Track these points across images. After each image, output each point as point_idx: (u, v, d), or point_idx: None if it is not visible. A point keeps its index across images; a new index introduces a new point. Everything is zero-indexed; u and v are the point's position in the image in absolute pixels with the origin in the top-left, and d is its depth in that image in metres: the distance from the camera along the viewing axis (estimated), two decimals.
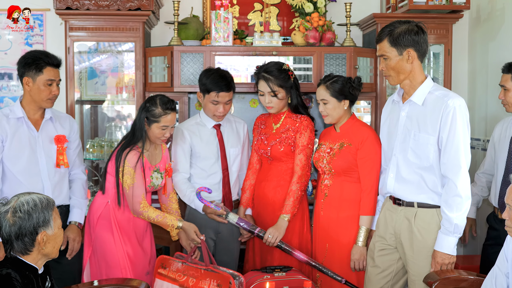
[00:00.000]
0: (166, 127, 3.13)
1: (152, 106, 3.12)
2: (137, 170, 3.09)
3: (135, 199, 3.09)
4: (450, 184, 2.69)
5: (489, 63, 4.20)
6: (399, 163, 2.86)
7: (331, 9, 4.47)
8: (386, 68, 2.82)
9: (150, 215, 3.10)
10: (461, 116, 2.68)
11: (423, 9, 4.03)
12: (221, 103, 3.30)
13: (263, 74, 3.26)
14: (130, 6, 3.94)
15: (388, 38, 2.77)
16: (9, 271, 2.22)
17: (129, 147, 3.12)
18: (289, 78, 3.27)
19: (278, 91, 3.25)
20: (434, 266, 2.74)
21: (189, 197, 3.29)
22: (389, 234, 2.92)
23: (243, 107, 4.48)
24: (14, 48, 4.42)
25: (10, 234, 2.27)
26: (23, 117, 3.07)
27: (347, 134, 3.17)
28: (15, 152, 3.04)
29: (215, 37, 3.96)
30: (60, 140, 3.15)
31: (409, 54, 2.75)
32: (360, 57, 4.05)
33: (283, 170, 3.32)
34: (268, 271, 2.97)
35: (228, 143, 3.42)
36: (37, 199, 2.31)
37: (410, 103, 2.83)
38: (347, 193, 3.14)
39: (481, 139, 4.28)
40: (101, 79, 4.26)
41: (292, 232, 3.30)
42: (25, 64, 3.05)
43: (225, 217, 3.21)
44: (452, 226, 2.67)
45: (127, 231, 3.15)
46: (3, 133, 3.02)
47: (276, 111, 3.32)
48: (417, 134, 2.78)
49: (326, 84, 3.15)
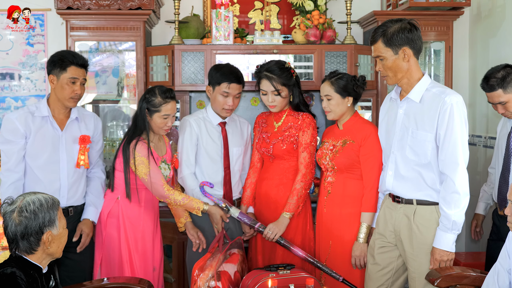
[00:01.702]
0: (167, 116, 3.17)
1: (152, 96, 3.16)
2: (150, 159, 3.12)
3: (156, 185, 3.12)
4: (448, 181, 2.69)
5: (490, 59, 4.20)
6: (398, 160, 2.87)
7: (332, 7, 4.48)
8: (383, 68, 2.81)
9: (176, 198, 3.13)
10: (459, 113, 2.68)
11: (423, 6, 4.03)
12: (231, 95, 3.31)
13: (265, 73, 3.27)
14: (130, 6, 3.95)
15: (382, 39, 2.77)
16: (13, 270, 2.23)
17: (135, 139, 3.15)
18: (291, 76, 3.28)
19: (282, 89, 3.25)
20: (432, 263, 2.75)
21: (196, 194, 3.29)
22: (388, 232, 2.92)
23: (244, 106, 4.49)
24: (15, 48, 4.43)
25: (16, 234, 2.28)
26: (48, 116, 3.12)
27: (350, 132, 3.17)
28: (37, 149, 3.08)
29: (215, 36, 3.96)
30: (84, 140, 3.19)
31: (404, 53, 2.75)
32: (360, 55, 4.05)
33: (285, 168, 3.33)
34: (273, 270, 2.98)
35: (231, 142, 3.43)
36: (43, 199, 2.32)
37: (407, 100, 2.83)
38: (350, 190, 3.15)
39: (482, 136, 4.29)
40: (102, 78, 4.26)
41: (295, 230, 3.30)
42: (51, 62, 3.11)
43: (227, 211, 3.23)
44: (450, 223, 2.68)
45: (136, 227, 3.18)
46: (27, 130, 3.06)
47: (278, 110, 3.33)
48: (415, 132, 2.78)
49: (331, 80, 3.17)
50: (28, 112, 3.10)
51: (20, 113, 3.09)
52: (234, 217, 3.25)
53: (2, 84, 4.45)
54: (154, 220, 3.28)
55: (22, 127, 3.05)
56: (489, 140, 4.18)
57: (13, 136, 3.05)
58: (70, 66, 3.09)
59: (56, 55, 3.14)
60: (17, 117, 3.07)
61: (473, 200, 3.97)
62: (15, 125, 3.04)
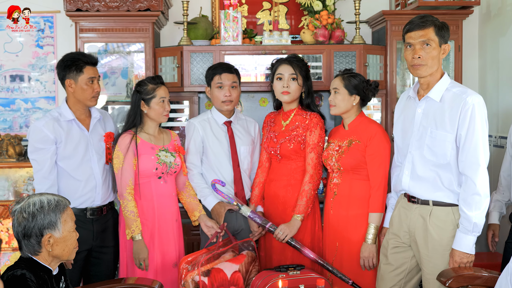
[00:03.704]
0: (164, 99, 3.22)
1: (143, 86, 3.23)
2: (127, 154, 3.14)
3: (123, 182, 3.14)
4: (468, 182, 2.65)
5: (499, 58, 4.18)
6: (415, 160, 2.83)
7: (340, 6, 4.47)
8: (425, 56, 2.72)
9: (128, 205, 3.12)
10: (480, 114, 2.65)
11: (432, 5, 4.01)
12: (225, 85, 3.35)
13: (286, 60, 3.31)
14: (139, 7, 3.96)
15: (434, 27, 2.71)
16: (23, 272, 2.23)
17: (123, 133, 3.21)
18: (308, 70, 3.34)
19: (299, 77, 3.28)
20: (452, 265, 2.71)
21: (203, 192, 3.32)
22: (403, 232, 2.90)
23: (253, 106, 4.48)
24: (25, 50, 4.46)
25: (18, 234, 2.29)
26: (74, 119, 3.17)
27: (356, 132, 3.16)
28: (69, 152, 3.13)
29: (224, 37, 3.96)
30: (110, 137, 3.27)
31: (444, 49, 2.74)
32: (369, 55, 4.04)
33: (292, 169, 3.32)
34: (282, 270, 2.97)
35: (238, 141, 3.43)
36: (46, 200, 2.31)
37: (427, 99, 2.79)
38: (356, 191, 3.13)
39: (492, 135, 4.26)
40: (111, 79, 4.27)
41: (304, 231, 3.30)
42: (65, 67, 3.14)
43: (238, 210, 3.23)
44: (471, 225, 2.64)
45: (145, 224, 3.18)
46: (57, 136, 3.10)
47: (290, 99, 3.30)
48: (434, 131, 2.74)
49: (343, 75, 3.18)
50: (52, 118, 3.14)
51: (46, 120, 3.13)
52: (245, 215, 3.25)
53: (12, 86, 4.47)
54: (172, 216, 3.27)
55: (51, 134, 3.08)
56: (499, 139, 4.16)
57: (43, 144, 3.08)
58: (85, 67, 3.14)
59: (67, 59, 3.16)
60: (44, 124, 3.10)
61: None
62: (44, 133, 3.08)
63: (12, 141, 4.21)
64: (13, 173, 4.21)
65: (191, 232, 3.89)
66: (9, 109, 4.48)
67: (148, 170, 3.16)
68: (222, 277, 3.01)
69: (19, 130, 4.47)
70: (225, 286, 3.01)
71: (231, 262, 3.09)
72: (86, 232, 3.13)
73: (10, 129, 4.47)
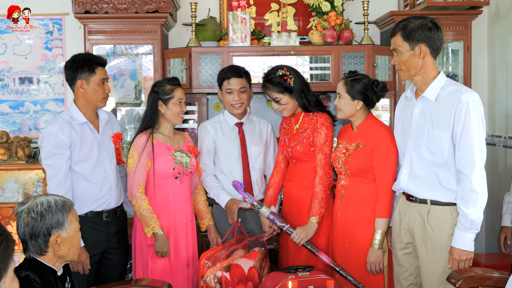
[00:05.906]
0: (181, 100, 3.23)
1: (161, 86, 3.23)
2: (142, 155, 3.13)
3: (135, 182, 3.13)
4: (465, 179, 2.66)
5: (509, 59, 4.16)
6: (413, 159, 2.85)
7: (348, 7, 4.46)
8: (398, 62, 2.81)
9: (142, 204, 3.12)
10: (475, 111, 2.65)
11: (441, 5, 4.00)
12: (234, 90, 3.37)
13: (264, 83, 3.29)
14: (147, 9, 3.97)
15: (401, 32, 2.76)
16: (28, 273, 2.22)
17: (140, 133, 3.22)
18: (286, 82, 3.22)
19: (279, 97, 3.25)
20: (451, 263, 2.72)
21: (215, 191, 3.35)
22: (403, 230, 2.91)
23: (261, 107, 4.48)
24: (34, 53, 4.48)
25: (25, 234, 2.29)
26: (86, 122, 3.14)
27: (363, 135, 3.14)
28: (84, 155, 3.11)
29: (232, 38, 3.97)
30: (119, 137, 3.27)
31: (420, 50, 2.73)
32: (378, 55, 4.03)
33: (305, 170, 3.31)
34: (292, 271, 2.97)
35: (249, 141, 3.46)
36: (53, 200, 2.31)
37: (423, 99, 2.81)
38: (363, 194, 3.12)
39: (502, 136, 4.24)
40: (119, 81, 4.29)
41: (318, 232, 3.28)
42: (77, 67, 3.11)
43: (258, 210, 3.25)
44: (469, 222, 2.65)
45: (167, 222, 3.18)
46: (72, 141, 3.07)
47: (288, 114, 3.33)
48: (431, 130, 2.75)
49: (346, 80, 3.13)
50: (65, 122, 3.09)
51: (59, 125, 3.07)
52: (264, 216, 3.26)
53: (21, 88, 4.49)
54: (186, 217, 3.27)
55: (66, 139, 3.05)
56: (508, 140, 4.14)
57: (59, 149, 3.04)
58: (97, 68, 3.13)
59: (78, 60, 3.12)
60: (58, 129, 3.05)
61: (493, 202, 3.94)
62: (59, 138, 3.04)
63: (22, 143, 4.23)
64: (23, 175, 4.23)
65: (200, 233, 3.89)
66: (18, 111, 4.50)
67: (165, 170, 3.16)
68: (240, 273, 3.04)
69: (28, 133, 4.49)
70: (244, 282, 3.03)
71: (247, 258, 3.12)
72: (102, 235, 3.15)
73: (19, 131, 4.48)
